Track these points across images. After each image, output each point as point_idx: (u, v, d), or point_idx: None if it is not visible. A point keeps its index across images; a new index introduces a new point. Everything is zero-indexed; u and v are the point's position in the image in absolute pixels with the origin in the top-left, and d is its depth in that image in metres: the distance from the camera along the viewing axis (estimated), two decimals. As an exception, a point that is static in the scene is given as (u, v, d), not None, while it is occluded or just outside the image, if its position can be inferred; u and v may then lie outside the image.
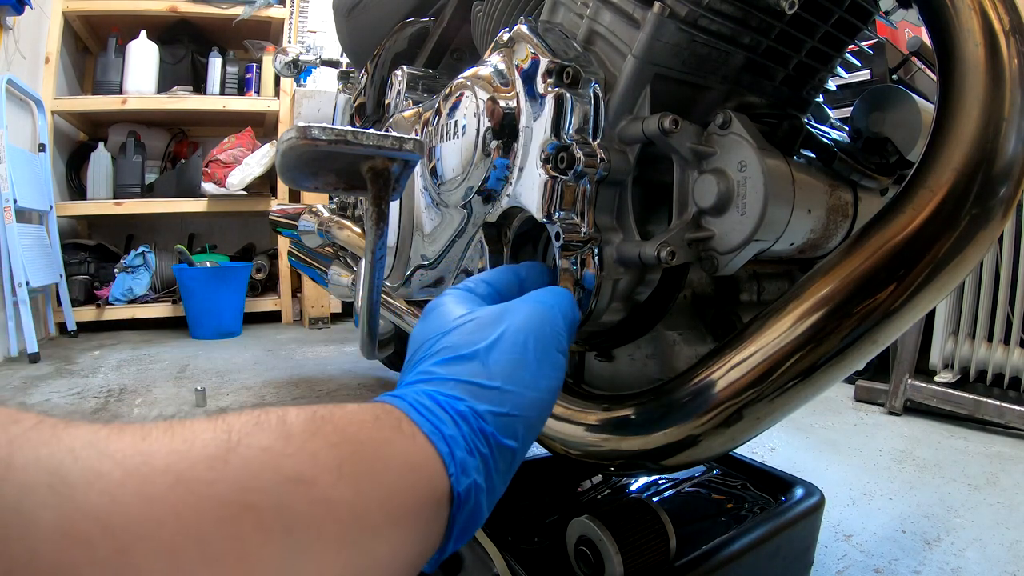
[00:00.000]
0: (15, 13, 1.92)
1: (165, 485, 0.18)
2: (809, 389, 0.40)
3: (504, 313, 0.34)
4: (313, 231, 1.06)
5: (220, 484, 0.19)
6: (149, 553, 0.17)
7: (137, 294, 2.37)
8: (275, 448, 0.22)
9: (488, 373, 0.31)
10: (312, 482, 0.22)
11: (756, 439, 0.49)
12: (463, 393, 0.30)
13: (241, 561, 0.19)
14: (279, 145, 0.36)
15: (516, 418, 0.30)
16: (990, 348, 1.37)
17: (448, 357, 0.32)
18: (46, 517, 0.16)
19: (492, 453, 0.29)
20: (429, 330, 0.35)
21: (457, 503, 0.27)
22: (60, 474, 0.17)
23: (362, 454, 0.24)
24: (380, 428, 0.27)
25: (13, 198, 1.85)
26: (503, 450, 0.30)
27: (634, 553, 0.48)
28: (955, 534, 0.87)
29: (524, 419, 0.31)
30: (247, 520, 0.20)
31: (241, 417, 0.23)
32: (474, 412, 0.29)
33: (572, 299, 0.37)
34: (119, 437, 0.19)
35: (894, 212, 0.38)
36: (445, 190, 0.57)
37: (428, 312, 0.37)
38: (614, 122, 0.45)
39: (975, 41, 0.36)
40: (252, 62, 2.64)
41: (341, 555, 0.22)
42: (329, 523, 0.22)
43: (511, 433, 0.30)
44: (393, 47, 0.91)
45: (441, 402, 0.29)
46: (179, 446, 0.20)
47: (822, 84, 0.55)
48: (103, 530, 0.16)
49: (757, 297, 0.55)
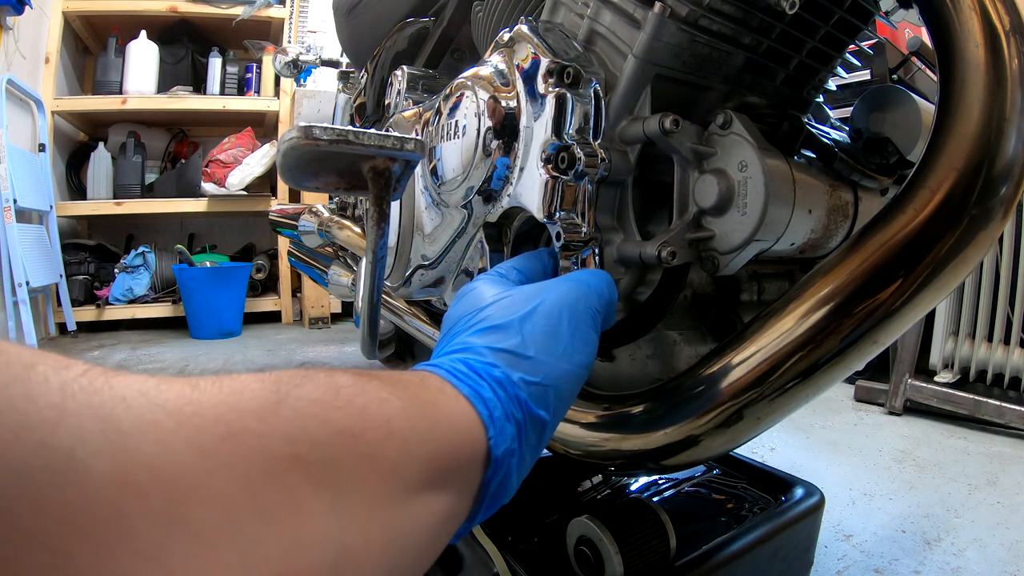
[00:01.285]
0: (15, 13, 1.92)
1: (216, 436, 0.18)
2: (809, 389, 0.40)
3: (541, 289, 0.35)
4: (313, 231, 1.06)
5: (270, 436, 0.19)
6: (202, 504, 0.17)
7: (137, 294, 2.37)
8: (324, 400, 0.22)
9: (523, 343, 0.31)
10: (360, 436, 0.22)
11: (756, 439, 0.49)
12: (499, 360, 0.30)
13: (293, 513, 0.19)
14: (280, 145, 0.36)
15: (548, 388, 0.31)
16: (990, 348, 1.37)
17: (484, 327, 0.32)
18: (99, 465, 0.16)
19: (525, 421, 0.29)
20: (465, 308, 0.35)
21: (493, 467, 0.27)
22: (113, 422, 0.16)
23: (409, 412, 0.24)
24: (426, 388, 0.27)
25: (13, 198, 1.85)
26: (535, 420, 0.30)
27: (634, 553, 0.48)
28: (955, 534, 0.87)
29: (555, 389, 0.31)
30: (296, 472, 0.19)
31: (288, 372, 0.22)
32: (509, 379, 0.30)
33: (610, 281, 0.38)
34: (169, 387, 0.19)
35: (894, 212, 0.38)
36: (445, 190, 0.57)
37: (461, 295, 0.37)
38: (615, 122, 0.45)
39: (975, 41, 0.36)
40: (252, 62, 2.64)
41: (384, 512, 0.22)
42: (374, 479, 0.22)
43: (543, 403, 0.30)
44: (393, 47, 0.91)
45: (477, 369, 0.30)
46: (228, 397, 0.20)
47: (822, 84, 0.55)
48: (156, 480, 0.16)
49: (757, 297, 0.55)
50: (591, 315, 0.35)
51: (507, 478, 0.29)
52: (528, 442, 0.30)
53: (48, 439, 0.15)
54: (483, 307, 0.34)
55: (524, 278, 0.41)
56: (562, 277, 0.37)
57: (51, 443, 0.15)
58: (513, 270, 0.41)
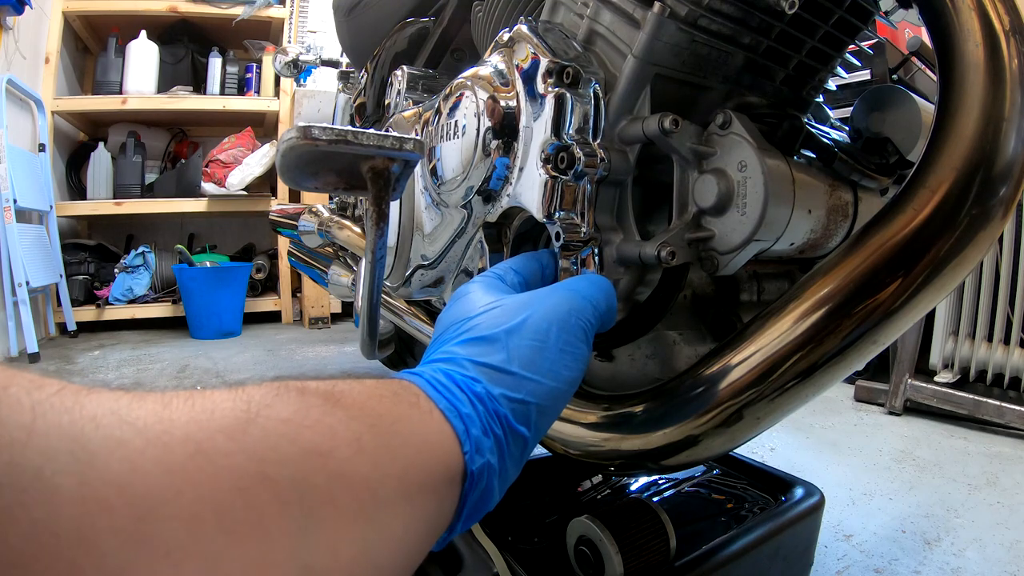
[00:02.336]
0: (15, 13, 1.92)
1: (185, 454, 0.18)
2: (809, 389, 0.40)
3: (532, 299, 0.34)
4: (313, 231, 1.06)
5: (239, 455, 0.20)
6: (167, 521, 0.17)
7: (137, 294, 2.37)
8: (294, 420, 0.22)
9: (507, 357, 0.31)
10: (329, 455, 0.22)
11: (756, 439, 0.49)
12: (480, 375, 0.30)
13: (258, 531, 0.19)
14: (280, 145, 0.36)
15: (530, 405, 0.30)
16: (990, 348, 1.37)
17: (469, 338, 0.32)
18: (67, 483, 0.16)
19: (505, 436, 0.29)
20: (456, 314, 0.35)
21: (470, 482, 0.27)
22: (81, 441, 0.17)
23: (380, 428, 0.25)
24: (398, 403, 0.27)
25: (13, 198, 1.85)
26: (516, 435, 0.30)
27: (634, 553, 0.48)
28: (955, 534, 0.87)
29: (538, 406, 0.31)
30: (264, 491, 0.20)
31: (261, 389, 0.23)
32: (490, 394, 0.30)
33: (609, 289, 0.37)
34: (140, 405, 0.19)
35: (894, 212, 0.38)
36: (445, 190, 0.57)
37: (456, 297, 0.37)
38: (614, 122, 0.45)
39: (975, 41, 0.36)
40: (252, 62, 2.64)
41: (356, 529, 0.22)
42: (345, 496, 0.22)
43: (524, 419, 0.30)
44: (393, 47, 0.91)
45: (458, 381, 0.30)
46: (199, 415, 0.20)
47: (822, 84, 0.55)
48: (123, 497, 0.17)
49: (757, 297, 0.55)
50: (583, 328, 0.34)
51: (487, 491, 0.29)
52: (510, 455, 0.30)
53: (17, 458, 0.16)
54: (472, 316, 0.34)
55: (522, 279, 0.40)
56: (557, 285, 0.36)
57: (19, 462, 0.16)
58: (511, 271, 0.40)
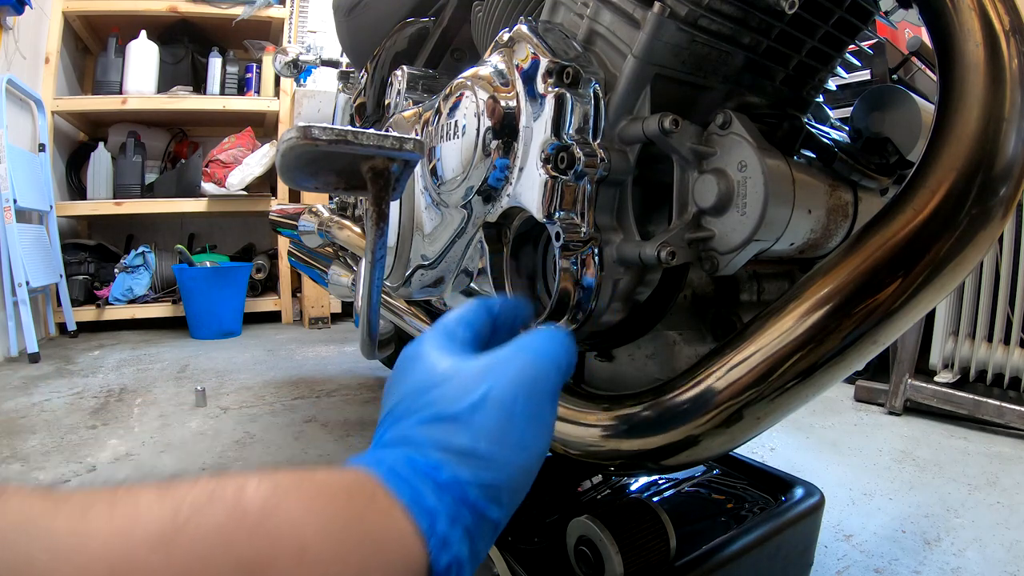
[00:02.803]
0: (15, 13, 1.92)
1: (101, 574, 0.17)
2: (809, 389, 0.40)
3: (493, 366, 0.31)
4: (313, 231, 1.06)
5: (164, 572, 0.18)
6: None
7: (137, 294, 2.37)
8: (228, 527, 0.20)
9: (472, 437, 0.28)
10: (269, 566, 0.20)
11: (756, 439, 0.49)
12: (445, 460, 0.28)
13: None
14: (279, 145, 0.36)
15: (500, 487, 0.28)
16: (990, 348, 1.37)
17: (429, 417, 0.29)
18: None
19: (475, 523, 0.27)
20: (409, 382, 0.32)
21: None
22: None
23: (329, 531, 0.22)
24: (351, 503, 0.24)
25: (13, 198, 1.85)
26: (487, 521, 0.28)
27: (634, 553, 0.48)
28: (955, 534, 0.87)
29: (510, 487, 0.29)
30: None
31: (194, 488, 0.21)
32: (456, 481, 0.27)
33: (569, 345, 0.34)
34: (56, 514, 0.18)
35: (894, 212, 0.38)
36: (445, 190, 0.57)
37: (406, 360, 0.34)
38: (614, 122, 0.45)
39: (975, 41, 0.36)
40: (252, 62, 2.64)
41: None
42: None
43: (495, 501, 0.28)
44: (393, 47, 0.91)
45: (421, 469, 0.27)
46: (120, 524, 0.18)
47: (822, 84, 0.55)
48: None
49: (757, 297, 0.55)
50: (550, 394, 0.31)
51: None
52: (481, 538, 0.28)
53: None
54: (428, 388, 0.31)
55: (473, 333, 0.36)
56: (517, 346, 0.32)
57: None
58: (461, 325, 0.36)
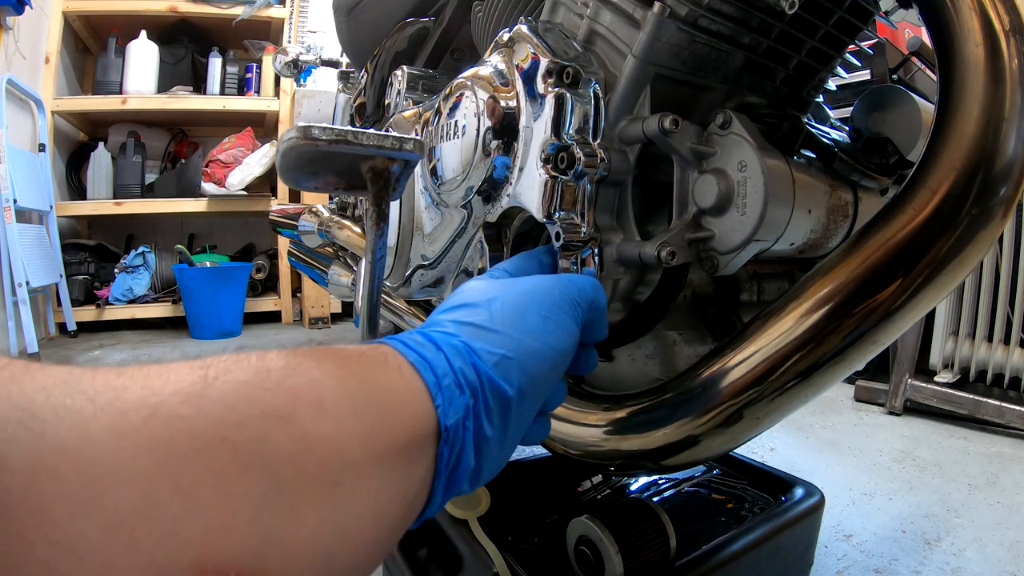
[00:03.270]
0: (15, 13, 1.92)
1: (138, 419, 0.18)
2: (809, 389, 0.40)
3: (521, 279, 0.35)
4: (313, 231, 1.06)
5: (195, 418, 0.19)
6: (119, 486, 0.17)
7: (137, 294, 2.37)
8: (253, 383, 0.21)
9: (487, 318, 0.31)
10: (291, 417, 0.21)
11: (756, 439, 0.49)
12: (460, 331, 0.30)
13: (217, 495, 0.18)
14: (279, 145, 0.36)
15: (512, 360, 0.30)
16: (990, 348, 1.37)
17: (452, 306, 0.33)
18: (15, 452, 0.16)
19: (483, 391, 0.28)
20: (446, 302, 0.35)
21: (444, 437, 0.26)
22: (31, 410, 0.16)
23: (343, 389, 0.24)
24: (364, 363, 0.26)
25: (13, 198, 1.85)
26: (496, 392, 0.29)
27: (634, 553, 0.48)
28: (955, 534, 0.87)
29: (520, 363, 0.30)
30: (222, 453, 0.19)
31: (220, 358, 0.22)
32: (468, 347, 0.29)
33: (597, 285, 0.37)
34: (93, 375, 0.19)
35: (894, 212, 0.38)
36: (445, 190, 0.57)
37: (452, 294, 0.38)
38: (614, 122, 0.45)
39: (975, 41, 0.36)
40: (252, 62, 2.64)
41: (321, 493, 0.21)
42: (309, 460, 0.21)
43: (505, 375, 0.29)
44: (393, 47, 0.91)
45: (434, 338, 0.29)
46: (154, 382, 0.19)
47: (822, 84, 0.55)
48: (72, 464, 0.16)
49: (757, 297, 0.55)
50: (568, 303, 0.34)
51: (463, 451, 0.27)
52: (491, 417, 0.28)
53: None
54: (460, 292, 0.34)
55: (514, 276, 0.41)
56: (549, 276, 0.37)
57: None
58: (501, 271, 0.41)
